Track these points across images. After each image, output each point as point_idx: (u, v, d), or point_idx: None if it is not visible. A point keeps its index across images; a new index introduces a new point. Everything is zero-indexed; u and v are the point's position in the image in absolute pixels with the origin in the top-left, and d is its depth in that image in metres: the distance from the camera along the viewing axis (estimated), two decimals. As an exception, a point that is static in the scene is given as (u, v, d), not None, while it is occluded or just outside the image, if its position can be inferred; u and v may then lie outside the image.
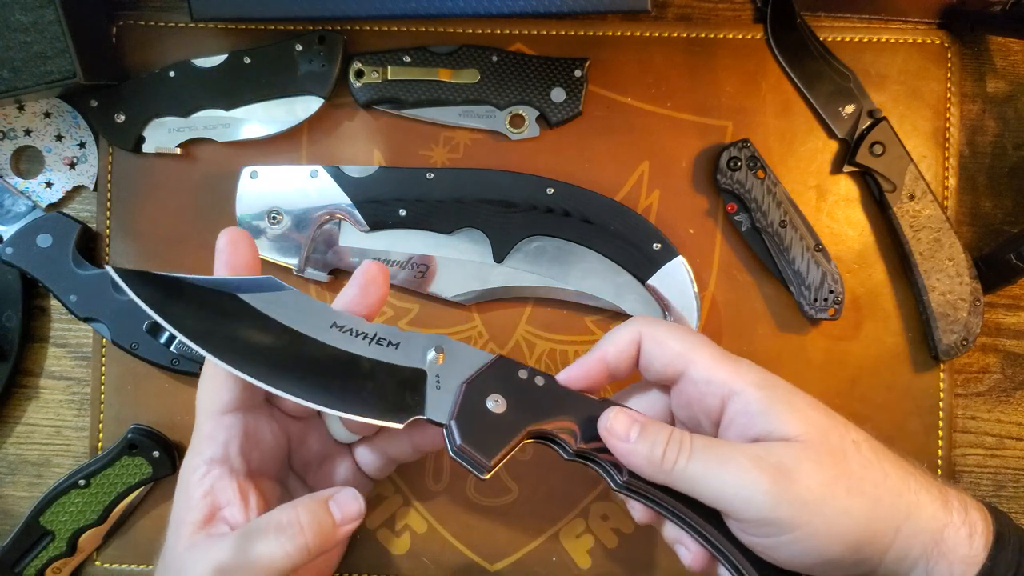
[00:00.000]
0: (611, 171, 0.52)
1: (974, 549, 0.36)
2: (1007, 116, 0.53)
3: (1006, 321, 0.53)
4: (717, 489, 0.35)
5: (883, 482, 0.36)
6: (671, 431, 0.37)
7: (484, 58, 0.52)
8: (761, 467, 0.35)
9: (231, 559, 0.36)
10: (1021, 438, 0.53)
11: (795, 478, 0.35)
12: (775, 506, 0.34)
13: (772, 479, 0.34)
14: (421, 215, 0.51)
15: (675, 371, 0.39)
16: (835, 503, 0.35)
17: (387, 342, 0.40)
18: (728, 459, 0.36)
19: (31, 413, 0.55)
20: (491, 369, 0.39)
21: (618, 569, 0.52)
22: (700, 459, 0.36)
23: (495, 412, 0.38)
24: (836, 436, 0.36)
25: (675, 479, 0.36)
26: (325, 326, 0.40)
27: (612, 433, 0.37)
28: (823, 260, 0.50)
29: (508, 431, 0.38)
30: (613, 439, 0.37)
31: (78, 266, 0.52)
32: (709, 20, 0.53)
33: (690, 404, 0.39)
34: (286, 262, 0.51)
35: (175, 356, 0.51)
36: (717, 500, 0.36)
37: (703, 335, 0.40)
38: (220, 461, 0.40)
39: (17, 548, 0.52)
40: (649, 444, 0.37)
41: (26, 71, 0.47)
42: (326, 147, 0.53)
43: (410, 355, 0.40)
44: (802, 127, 0.52)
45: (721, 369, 0.38)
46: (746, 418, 0.37)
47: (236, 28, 0.53)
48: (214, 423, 0.40)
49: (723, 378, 0.38)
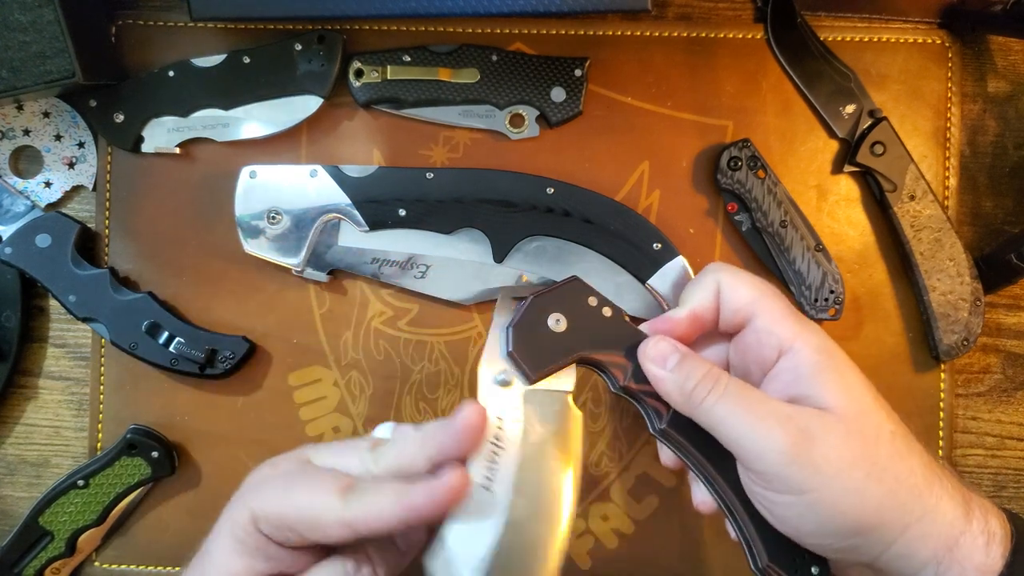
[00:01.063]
0: (611, 171, 0.52)
1: (991, 558, 0.35)
2: (1008, 116, 0.53)
3: (1007, 321, 0.53)
4: (736, 433, 0.36)
5: (906, 478, 0.36)
6: (709, 367, 0.37)
7: (484, 58, 0.52)
8: (785, 425, 0.35)
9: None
10: (1022, 438, 0.53)
11: (816, 445, 0.35)
12: (787, 464, 0.35)
13: (792, 440, 0.35)
14: (421, 215, 0.51)
15: (743, 318, 0.39)
16: (850, 481, 0.35)
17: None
18: (755, 409, 0.36)
19: (30, 413, 0.55)
20: (562, 288, 0.40)
21: (618, 569, 0.52)
22: (729, 401, 0.36)
23: (554, 330, 0.39)
24: (874, 420, 0.37)
25: (701, 414, 0.37)
26: None
27: (649, 358, 0.38)
28: (824, 260, 0.50)
29: (560, 352, 0.39)
30: (649, 363, 0.38)
31: (77, 266, 0.51)
32: (709, 19, 0.53)
33: (746, 352, 0.39)
34: (286, 262, 0.51)
35: (174, 356, 0.51)
36: (734, 443, 0.36)
37: (773, 287, 0.40)
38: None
39: (16, 548, 0.52)
40: (684, 375, 0.37)
41: (25, 71, 0.47)
42: (325, 147, 0.53)
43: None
44: (803, 127, 0.52)
45: (786, 324, 0.38)
46: (793, 376, 0.37)
47: (235, 28, 0.53)
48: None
49: (786, 334, 0.38)
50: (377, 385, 0.53)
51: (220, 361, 0.51)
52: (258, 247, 0.51)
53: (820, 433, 0.35)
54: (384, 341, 0.53)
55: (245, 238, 0.51)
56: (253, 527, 0.35)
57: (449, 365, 0.53)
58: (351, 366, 0.53)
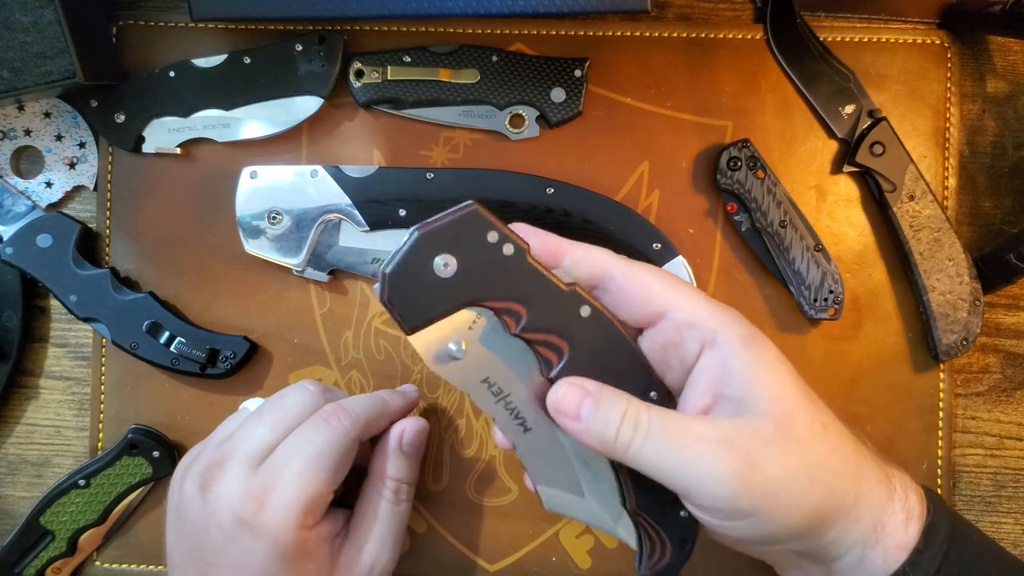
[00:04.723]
0: (611, 171, 0.52)
1: (908, 534, 0.36)
2: (1007, 116, 0.53)
3: (1006, 321, 0.53)
4: (673, 474, 0.34)
5: (841, 469, 0.35)
6: (625, 405, 0.35)
7: (484, 58, 0.52)
8: (725, 454, 0.33)
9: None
10: (1021, 438, 0.53)
11: (761, 468, 0.33)
12: (737, 497, 0.33)
13: (734, 469, 0.33)
14: (421, 215, 0.51)
15: (653, 312, 0.36)
16: (794, 493, 0.34)
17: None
18: (686, 443, 0.34)
19: (31, 413, 0.55)
20: (455, 220, 0.34)
21: (618, 569, 0.52)
22: (658, 441, 0.34)
23: (440, 276, 0.34)
24: (807, 417, 0.35)
25: (630, 461, 0.34)
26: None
27: (562, 412, 0.35)
28: (823, 260, 0.50)
29: (443, 300, 0.34)
30: (563, 419, 0.35)
31: (78, 266, 0.52)
32: (709, 20, 0.53)
33: (666, 348, 0.37)
34: (286, 262, 0.51)
35: (175, 356, 0.51)
36: (673, 483, 0.34)
37: (676, 275, 0.39)
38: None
39: (17, 548, 0.52)
40: (602, 423, 0.34)
41: (26, 71, 0.47)
42: (326, 147, 0.53)
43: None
44: (802, 127, 0.52)
45: (707, 313, 0.36)
46: (720, 371, 0.35)
47: (236, 28, 0.53)
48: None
49: (709, 324, 0.35)
50: (377, 385, 0.53)
51: (221, 361, 0.51)
52: (259, 247, 0.51)
53: (760, 450, 0.33)
54: (385, 341, 0.53)
55: (246, 238, 0.51)
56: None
57: (449, 365, 0.53)
58: (352, 366, 0.53)
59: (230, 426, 0.45)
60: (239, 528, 0.40)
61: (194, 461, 0.43)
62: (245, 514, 0.40)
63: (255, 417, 0.44)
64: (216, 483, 0.41)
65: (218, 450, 0.42)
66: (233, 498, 0.40)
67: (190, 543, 0.41)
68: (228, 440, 0.43)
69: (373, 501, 0.46)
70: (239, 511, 0.40)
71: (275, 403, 0.44)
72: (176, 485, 0.43)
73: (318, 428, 0.42)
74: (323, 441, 0.42)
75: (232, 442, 0.42)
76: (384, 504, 0.46)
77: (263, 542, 0.39)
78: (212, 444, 0.44)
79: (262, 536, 0.39)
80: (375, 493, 0.46)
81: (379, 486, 0.46)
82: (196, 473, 0.42)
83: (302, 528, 0.40)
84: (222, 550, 0.40)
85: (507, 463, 0.53)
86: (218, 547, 0.40)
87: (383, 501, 0.46)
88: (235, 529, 0.40)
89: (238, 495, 0.40)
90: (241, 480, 0.40)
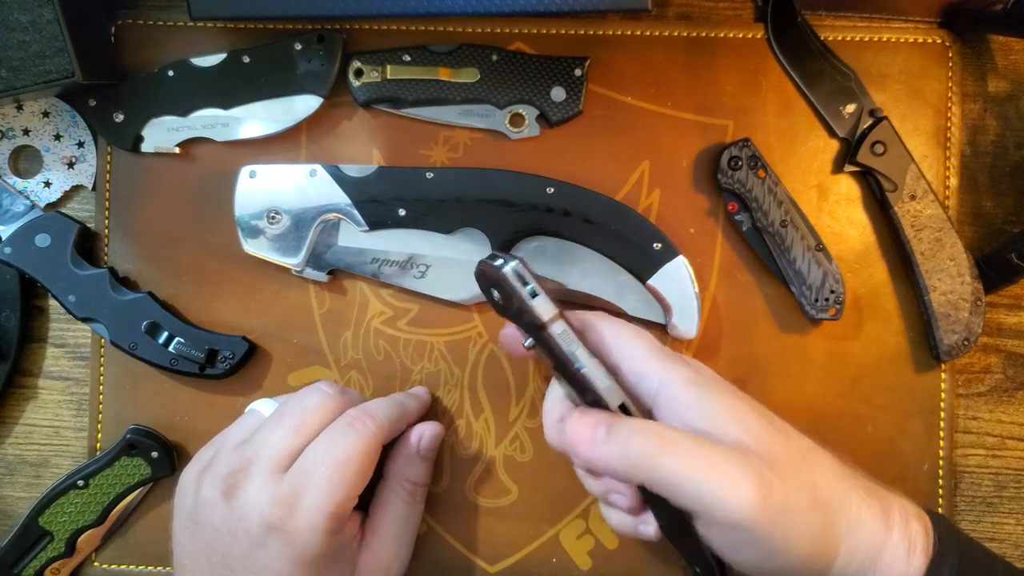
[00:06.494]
0: (611, 170, 0.52)
1: (912, 566, 0.35)
2: (1008, 115, 0.53)
3: (1008, 321, 0.53)
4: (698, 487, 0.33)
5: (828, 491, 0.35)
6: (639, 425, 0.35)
7: (484, 57, 0.52)
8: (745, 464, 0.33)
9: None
10: (1022, 438, 0.53)
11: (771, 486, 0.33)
12: (757, 514, 0.33)
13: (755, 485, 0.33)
14: (420, 215, 0.51)
15: (613, 362, 0.39)
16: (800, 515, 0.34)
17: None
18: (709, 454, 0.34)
19: (29, 413, 0.55)
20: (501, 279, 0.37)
21: (619, 570, 0.52)
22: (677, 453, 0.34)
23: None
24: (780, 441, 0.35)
25: (650, 474, 0.34)
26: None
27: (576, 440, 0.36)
28: (824, 260, 0.50)
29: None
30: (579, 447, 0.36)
31: (77, 266, 0.51)
32: (710, 19, 0.53)
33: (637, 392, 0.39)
34: (286, 262, 0.51)
35: (174, 356, 0.51)
36: (695, 501, 0.34)
37: (638, 327, 0.40)
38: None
39: (16, 549, 0.52)
40: (618, 442, 0.35)
41: (24, 70, 0.47)
42: (325, 146, 0.53)
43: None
44: (803, 126, 0.52)
45: (653, 362, 0.38)
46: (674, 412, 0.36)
47: (235, 27, 0.53)
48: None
49: (654, 371, 0.37)
50: (377, 385, 0.53)
51: (220, 361, 0.51)
52: (258, 247, 0.51)
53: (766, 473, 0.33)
54: (384, 341, 0.53)
55: (245, 238, 0.51)
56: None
57: (449, 365, 0.53)
58: (351, 366, 0.53)
59: (241, 429, 0.45)
60: (268, 533, 0.39)
61: (210, 465, 0.43)
62: (275, 519, 0.39)
63: (274, 421, 0.43)
64: (242, 489, 0.41)
65: (238, 455, 0.42)
66: (261, 503, 0.40)
67: (210, 548, 0.41)
68: (247, 445, 0.43)
69: (391, 503, 0.46)
70: (268, 516, 0.39)
71: (294, 407, 0.44)
72: (189, 489, 0.43)
73: (346, 433, 0.42)
74: (351, 446, 0.42)
75: (253, 447, 0.42)
76: (401, 506, 0.47)
77: (292, 547, 0.39)
78: (227, 448, 0.43)
79: (291, 541, 0.39)
80: (392, 495, 0.47)
81: (396, 488, 0.47)
82: (217, 477, 0.41)
83: (330, 533, 0.40)
84: (248, 555, 0.40)
85: (507, 464, 0.53)
86: (244, 552, 0.40)
87: (400, 503, 0.47)
88: (263, 534, 0.39)
89: (267, 500, 0.40)
90: (269, 485, 0.40)
